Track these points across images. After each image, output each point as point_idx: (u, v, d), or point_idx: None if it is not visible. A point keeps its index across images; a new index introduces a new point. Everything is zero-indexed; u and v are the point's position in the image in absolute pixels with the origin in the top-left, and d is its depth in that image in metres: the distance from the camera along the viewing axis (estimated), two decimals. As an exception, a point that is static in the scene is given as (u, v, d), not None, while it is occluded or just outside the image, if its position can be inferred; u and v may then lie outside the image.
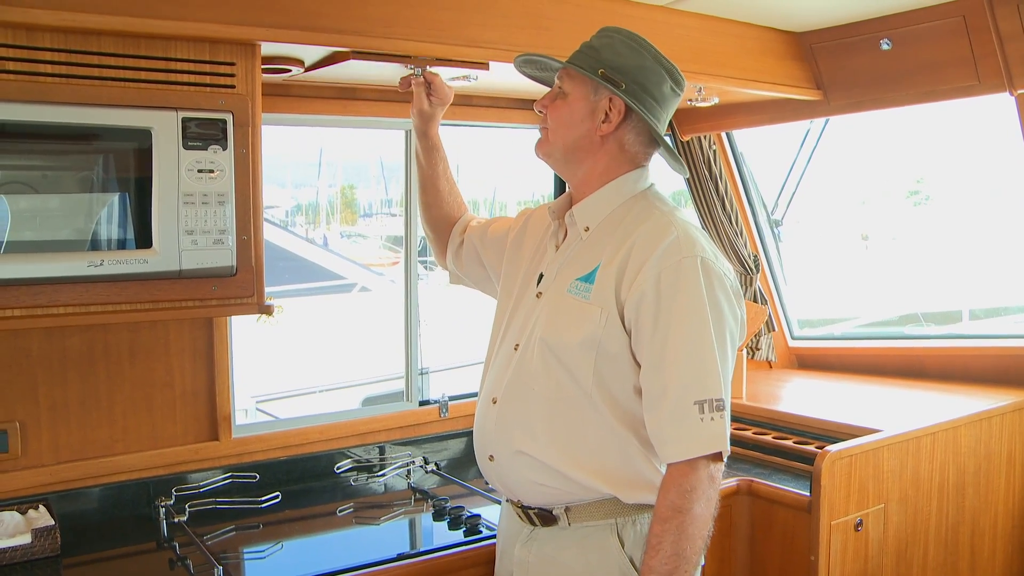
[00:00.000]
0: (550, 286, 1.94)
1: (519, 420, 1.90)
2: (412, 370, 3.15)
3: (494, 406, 1.95)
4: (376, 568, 2.16)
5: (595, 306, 1.82)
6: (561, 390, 1.85)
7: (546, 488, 1.89)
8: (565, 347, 1.84)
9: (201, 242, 2.09)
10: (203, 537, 2.36)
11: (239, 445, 2.72)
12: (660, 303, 1.76)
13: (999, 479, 3.51)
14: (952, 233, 10.90)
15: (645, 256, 1.79)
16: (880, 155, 9.44)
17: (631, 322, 1.80)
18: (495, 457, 1.96)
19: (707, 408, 1.74)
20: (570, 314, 1.85)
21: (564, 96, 1.93)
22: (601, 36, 1.94)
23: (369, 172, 10.34)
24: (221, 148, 2.09)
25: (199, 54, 2.08)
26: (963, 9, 2.85)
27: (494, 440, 1.95)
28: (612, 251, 1.86)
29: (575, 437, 1.86)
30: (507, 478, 1.95)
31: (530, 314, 1.94)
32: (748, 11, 2.90)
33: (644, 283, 1.77)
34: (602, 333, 1.81)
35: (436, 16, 2.33)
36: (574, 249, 1.95)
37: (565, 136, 1.94)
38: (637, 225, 1.86)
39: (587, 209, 1.95)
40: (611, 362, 1.82)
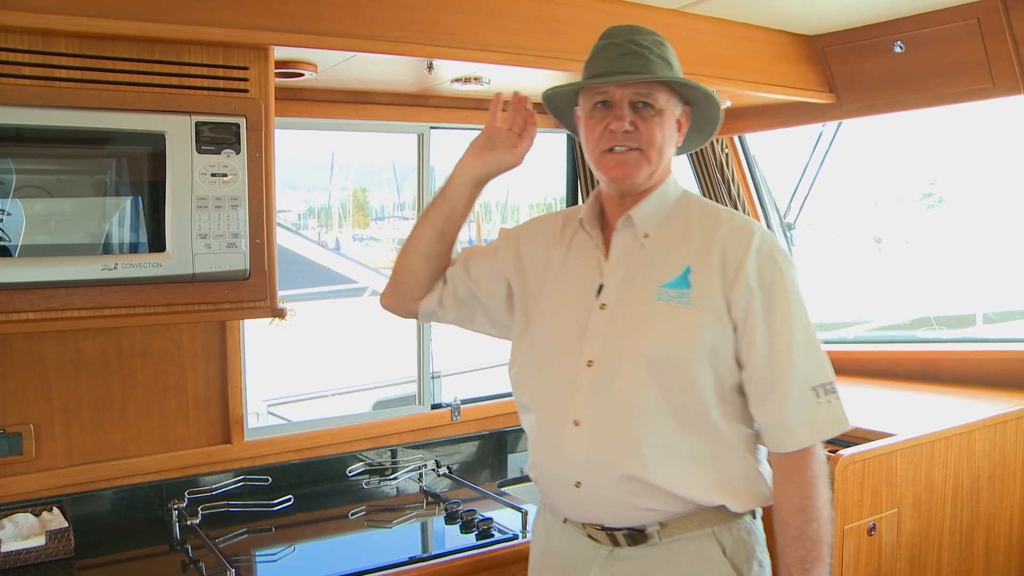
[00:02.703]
0: (620, 298, 1.81)
1: (622, 443, 1.75)
2: (424, 374, 3.15)
3: (577, 428, 1.78)
4: (388, 571, 2.17)
5: (699, 310, 1.74)
6: (670, 404, 1.74)
7: (651, 512, 1.76)
8: (674, 357, 1.74)
9: (214, 246, 2.10)
10: (215, 540, 2.37)
11: (251, 448, 2.73)
12: (763, 297, 1.74)
13: (1014, 483, 3.49)
14: (966, 236, 10.85)
15: (741, 254, 1.75)
16: (893, 158, 9.41)
17: (738, 320, 1.75)
18: (585, 484, 1.78)
19: (822, 392, 1.75)
20: (672, 322, 1.75)
21: (659, 113, 1.80)
22: (654, 43, 1.84)
23: (381, 175, 10.35)
24: (234, 152, 2.10)
25: (213, 58, 2.09)
26: (977, 11, 2.84)
27: (585, 466, 1.77)
28: (700, 254, 1.78)
29: (693, 452, 1.76)
30: (601, 505, 1.79)
31: (602, 327, 1.80)
32: (761, 14, 2.90)
33: (748, 280, 1.74)
34: (711, 336, 1.74)
35: (448, 20, 2.34)
36: (636, 256, 1.84)
37: (662, 155, 1.82)
38: (714, 227, 1.81)
39: (645, 214, 1.85)
40: (719, 364, 1.75)
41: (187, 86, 2.06)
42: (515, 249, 2.02)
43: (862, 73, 3.23)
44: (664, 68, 1.80)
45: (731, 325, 1.75)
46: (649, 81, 1.78)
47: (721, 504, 1.77)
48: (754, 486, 1.80)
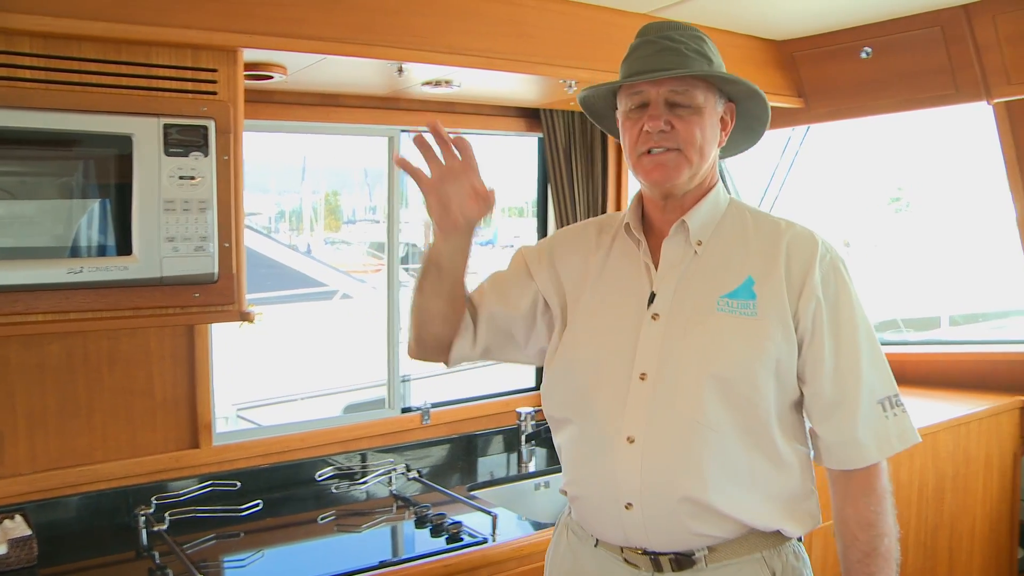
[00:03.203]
0: (674, 308, 1.70)
1: (683, 463, 1.63)
2: (394, 377, 3.14)
3: (632, 446, 1.64)
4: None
5: (766, 321, 1.65)
6: (733, 422, 1.63)
7: (702, 536, 1.65)
8: (741, 370, 1.64)
9: (182, 249, 2.08)
10: (183, 546, 2.35)
11: (220, 453, 2.71)
12: (829, 308, 1.67)
13: (977, 483, 3.54)
14: (932, 240, 10.99)
15: (806, 264, 1.68)
16: (862, 162, 9.51)
17: (804, 332, 1.67)
18: (638, 505, 1.64)
19: (888, 405, 1.69)
20: (737, 334, 1.65)
21: (697, 111, 1.68)
22: (692, 37, 1.72)
23: (353, 178, 10.32)
24: (203, 155, 2.08)
25: (181, 60, 2.07)
26: (941, 19, 2.88)
27: (639, 487, 1.64)
28: (762, 264, 1.69)
29: (755, 473, 1.65)
30: (652, 528, 1.66)
31: (655, 338, 1.69)
32: (730, 19, 2.92)
33: (815, 290, 1.66)
34: (777, 349, 1.64)
35: (418, 23, 2.33)
36: (689, 265, 1.73)
37: (705, 155, 1.70)
38: (775, 236, 1.73)
39: (700, 220, 1.74)
40: (783, 378, 1.66)
41: (155, 88, 2.04)
42: (550, 265, 1.88)
43: (830, 78, 3.27)
44: (701, 63, 1.69)
45: (796, 338, 1.67)
46: (684, 77, 1.67)
47: (777, 529, 1.68)
48: (810, 508, 1.73)
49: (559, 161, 3.30)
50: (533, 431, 3.20)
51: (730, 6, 2.74)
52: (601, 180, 3.42)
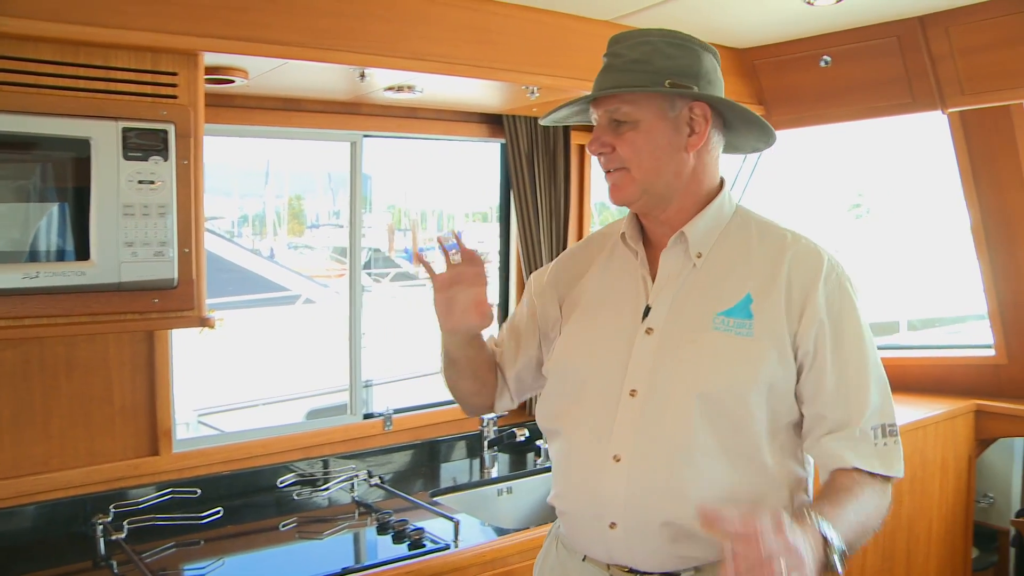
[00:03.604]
0: (669, 323, 1.67)
1: (668, 486, 1.60)
2: (356, 383, 3.13)
3: (618, 465, 1.63)
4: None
5: (763, 342, 1.59)
6: (723, 445, 1.59)
7: (685, 558, 1.62)
8: (731, 393, 1.59)
9: (141, 254, 2.05)
10: (142, 555, 2.32)
11: (180, 460, 2.68)
12: (833, 329, 1.60)
13: (933, 486, 3.59)
14: (891, 246, 11.15)
15: (809, 282, 1.61)
16: (823, 169, 9.63)
17: (805, 355, 1.60)
18: (621, 525, 1.63)
19: (880, 433, 1.59)
20: (731, 355, 1.60)
21: (634, 126, 1.63)
22: (637, 44, 1.66)
23: (317, 182, 10.27)
24: (162, 159, 2.06)
25: (140, 63, 2.05)
26: (897, 30, 2.93)
27: (623, 507, 1.62)
28: (763, 281, 1.63)
29: (737, 498, 1.58)
30: (636, 549, 1.64)
31: (648, 354, 1.66)
32: (692, 27, 2.90)
33: (818, 311, 1.60)
34: (771, 372, 1.59)
35: (380, 29, 2.33)
36: (687, 279, 1.69)
37: (657, 168, 1.65)
38: (778, 250, 1.66)
39: (700, 232, 1.69)
40: (777, 401, 1.61)
41: (113, 91, 2.01)
42: (555, 292, 1.89)
43: (790, 86, 3.31)
44: (635, 76, 1.63)
45: (794, 360, 1.61)
46: (613, 94, 1.64)
47: None
48: None
49: (521, 167, 3.31)
50: (496, 437, 3.21)
51: (691, 14, 2.77)
52: (564, 186, 3.43)
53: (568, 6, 2.64)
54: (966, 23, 2.80)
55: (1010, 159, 3.31)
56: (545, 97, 2.85)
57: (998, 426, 3.72)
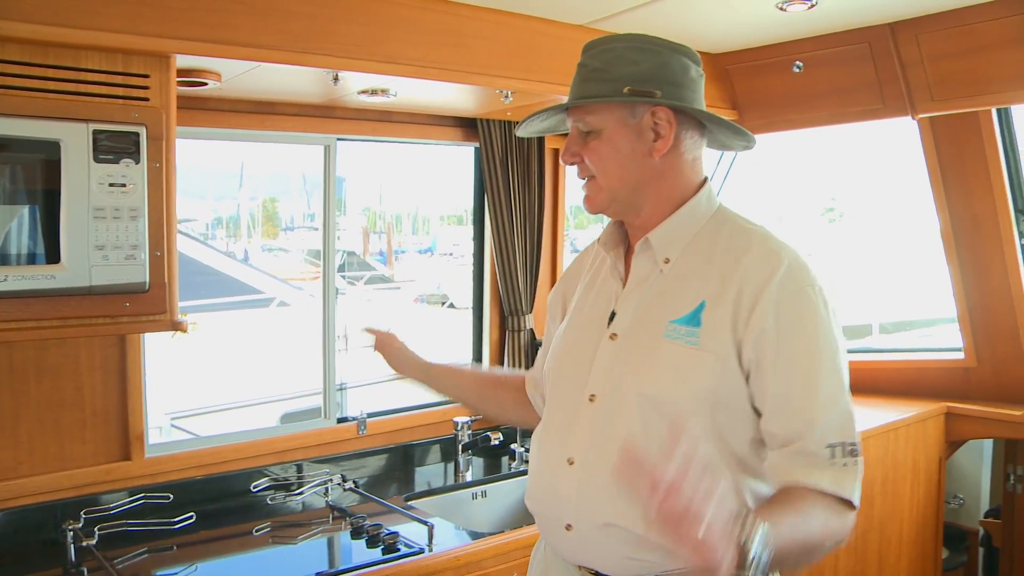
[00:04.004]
0: (630, 329, 1.68)
1: (608, 487, 1.60)
2: (330, 387, 3.12)
3: (571, 468, 1.66)
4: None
5: (708, 352, 1.56)
6: (668, 453, 1.55)
7: (639, 562, 1.61)
8: (673, 402, 1.57)
9: (112, 257, 2.04)
10: (113, 561, 2.30)
11: (152, 465, 2.66)
12: (782, 340, 1.54)
13: (905, 487, 3.63)
14: (864, 249, 11.26)
15: (759, 288, 1.56)
16: (798, 174, 9.71)
17: (750, 364, 1.56)
18: (575, 527, 1.66)
19: (839, 452, 1.52)
20: (676, 363, 1.59)
21: (598, 135, 1.64)
22: (600, 52, 1.67)
23: (291, 185, 10.23)
24: (134, 162, 2.05)
25: (111, 65, 2.03)
26: (868, 36, 2.96)
27: (574, 509, 1.65)
28: (717, 287, 1.60)
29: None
30: (590, 551, 1.66)
31: (608, 359, 1.68)
32: (666, 32, 2.91)
33: (763, 318, 1.54)
34: (719, 384, 1.56)
35: (354, 32, 2.33)
36: (654, 284, 1.68)
37: (623, 176, 1.65)
38: (738, 254, 1.62)
39: (666, 237, 1.68)
40: (730, 415, 1.58)
41: (84, 93, 2.00)
42: (560, 303, 1.93)
43: (763, 91, 3.33)
44: (598, 85, 1.64)
45: (741, 371, 1.57)
46: (578, 104, 1.66)
47: None
48: None
49: (496, 170, 3.31)
50: (470, 441, 3.20)
51: (665, 19, 2.78)
52: (538, 190, 3.44)
53: (542, 11, 2.65)
54: (936, 30, 2.83)
55: (978, 165, 3.36)
56: (519, 101, 2.86)
57: (968, 428, 3.76)
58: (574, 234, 7.85)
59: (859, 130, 3.55)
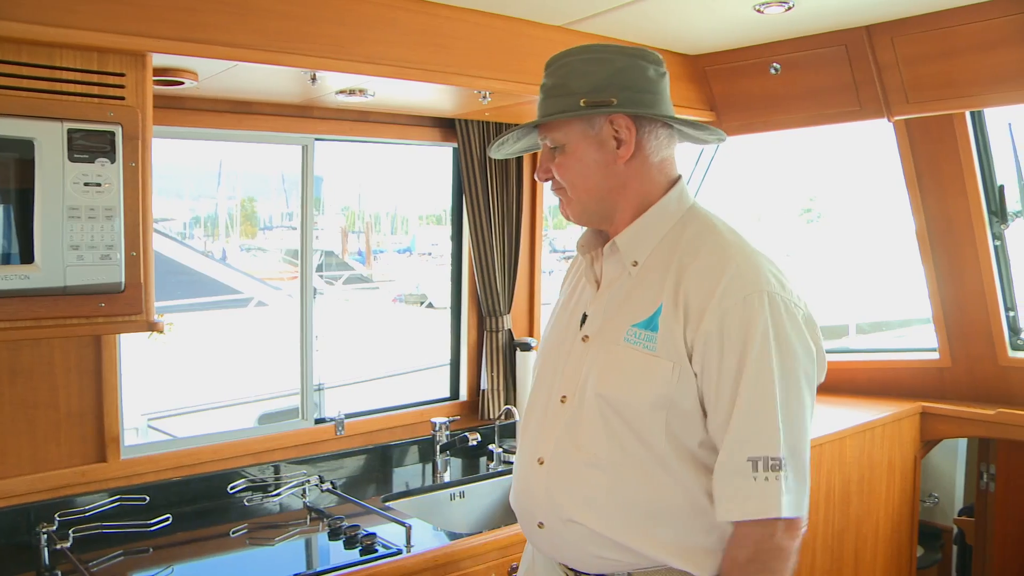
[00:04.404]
0: (599, 331, 1.71)
1: (571, 486, 1.67)
2: (307, 387, 3.11)
3: (541, 468, 1.71)
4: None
5: (664, 359, 1.59)
6: (626, 454, 1.63)
7: (607, 560, 1.66)
8: (630, 406, 1.62)
9: (87, 258, 2.02)
10: (88, 564, 2.28)
11: (128, 467, 2.64)
12: (724, 347, 1.56)
13: (880, 486, 3.66)
14: (841, 250, 11.33)
15: (706, 294, 1.58)
16: (776, 174, 9.76)
17: (698, 369, 1.59)
18: (546, 525, 1.72)
19: (761, 466, 1.53)
20: (634, 368, 1.62)
21: (563, 150, 1.69)
22: (556, 68, 1.71)
23: (270, 184, 10.18)
24: (109, 161, 2.03)
25: (87, 63, 2.01)
26: (845, 39, 2.99)
27: (544, 507, 1.71)
28: (672, 291, 1.62)
29: (645, 507, 1.63)
30: (561, 548, 1.72)
31: (578, 361, 1.72)
32: (644, 33, 2.97)
33: (709, 325, 1.57)
34: (675, 389, 1.59)
35: (332, 32, 2.32)
36: (622, 287, 1.71)
37: (590, 188, 1.70)
38: (691, 259, 1.64)
39: (632, 239, 1.71)
40: (685, 418, 1.61)
41: (58, 91, 1.98)
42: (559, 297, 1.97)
43: (740, 93, 3.35)
44: (552, 102, 1.68)
45: (693, 375, 1.60)
46: (542, 123, 1.71)
47: (685, 570, 1.64)
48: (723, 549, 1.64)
49: (474, 171, 3.31)
50: (448, 441, 3.20)
51: (643, 20, 2.79)
52: (516, 190, 3.44)
53: (520, 11, 2.65)
54: (911, 34, 2.86)
55: (953, 167, 3.39)
56: (497, 102, 2.86)
57: (942, 427, 3.79)
58: (552, 234, 7.86)
59: (837, 131, 3.57)
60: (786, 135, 3.65)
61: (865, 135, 5.44)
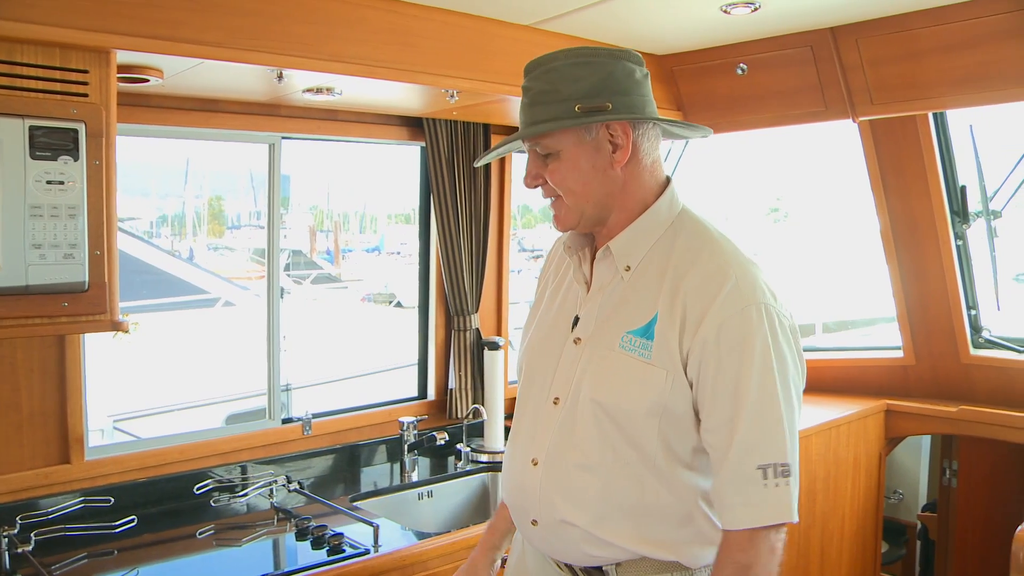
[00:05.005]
0: (593, 336, 1.72)
1: (565, 488, 1.70)
2: (274, 387, 3.09)
3: (535, 468, 1.74)
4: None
5: (659, 368, 1.62)
6: (618, 457, 1.67)
7: (598, 556, 1.71)
8: (625, 412, 1.65)
9: (50, 256, 2.00)
10: (51, 567, 2.25)
11: (93, 468, 2.61)
12: (722, 358, 1.58)
13: (846, 483, 3.70)
14: (808, 249, 11.43)
15: (705, 305, 1.60)
16: (743, 173, 9.83)
17: (693, 377, 1.62)
18: (540, 523, 1.75)
19: (771, 473, 1.56)
20: (629, 375, 1.64)
21: (556, 156, 1.67)
22: (543, 73, 1.67)
23: (238, 182, 10.09)
24: (72, 159, 2.01)
25: (48, 60, 1.99)
26: (811, 40, 3.01)
27: (538, 506, 1.75)
28: (669, 299, 1.64)
29: (637, 508, 1.68)
30: (554, 545, 1.76)
31: (571, 364, 1.74)
32: (612, 33, 2.98)
33: (706, 335, 1.59)
34: (669, 397, 1.62)
35: (299, 30, 2.31)
36: (614, 292, 1.73)
37: (588, 193, 1.69)
38: (687, 267, 1.65)
39: (626, 245, 1.72)
40: (677, 423, 1.64)
41: (20, 88, 1.95)
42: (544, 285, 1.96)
43: (707, 93, 3.37)
44: (543, 108, 1.66)
45: (688, 383, 1.63)
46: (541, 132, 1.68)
47: (675, 561, 1.69)
48: (711, 543, 1.67)
49: (441, 170, 3.31)
50: (416, 440, 3.20)
51: (611, 20, 2.80)
52: (484, 189, 3.45)
53: (488, 10, 2.65)
54: (875, 36, 2.89)
55: (916, 168, 3.43)
56: (465, 101, 2.86)
57: (907, 424, 3.84)
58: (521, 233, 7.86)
59: (803, 132, 3.60)
60: (753, 135, 3.68)
61: (831, 136, 5.49)
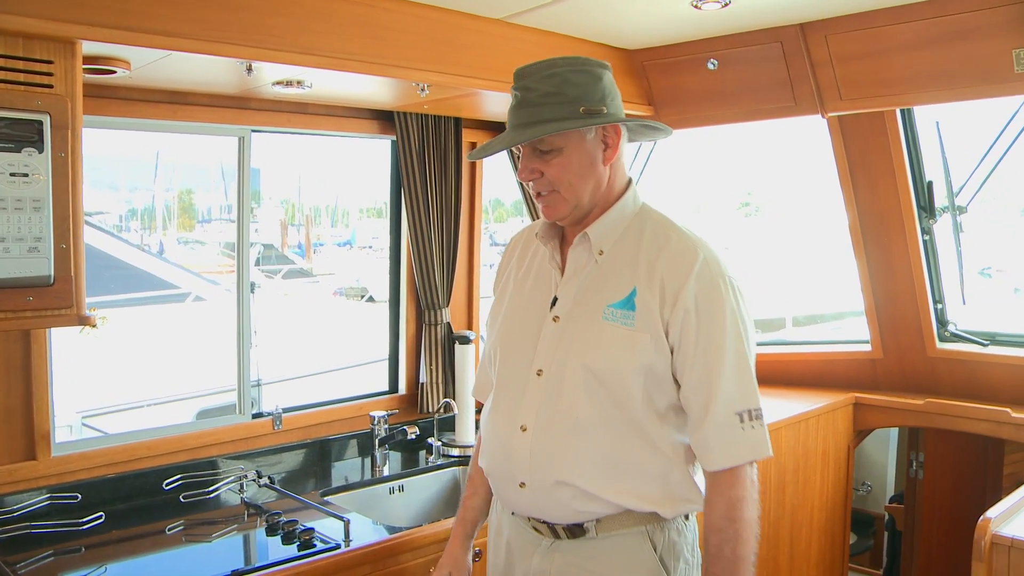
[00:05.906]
0: (572, 311, 1.92)
1: (560, 450, 1.89)
2: (244, 382, 3.07)
3: (524, 434, 1.92)
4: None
5: (643, 333, 1.84)
6: (607, 417, 1.87)
7: (585, 512, 1.90)
8: (613, 374, 1.85)
9: (14, 250, 1.97)
10: (15, 565, 2.23)
11: (60, 464, 2.58)
12: (700, 324, 1.82)
13: (815, 475, 3.73)
14: (778, 243, 11.52)
15: (680, 280, 1.84)
16: (714, 167, 9.89)
17: (674, 342, 1.85)
18: (528, 485, 1.92)
19: (747, 417, 1.83)
20: (615, 342, 1.85)
21: (559, 152, 1.86)
22: (546, 76, 1.83)
23: (209, 176, 10.01)
24: (37, 151, 1.98)
25: (12, 50, 1.95)
26: (780, 36, 3.03)
27: (527, 469, 1.92)
28: (646, 275, 1.87)
29: (622, 463, 1.88)
30: (542, 505, 1.93)
31: (554, 338, 1.92)
32: (583, 28, 2.99)
33: (685, 304, 1.82)
34: (648, 358, 1.84)
35: (269, 22, 2.29)
36: (590, 273, 1.93)
37: (583, 187, 1.89)
38: (660, 248, 1.89)
39: (602, 232, 1.93)
40: (658, 383, 1.86)
41: (-19, 78, 1.93)
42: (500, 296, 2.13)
43: (678, 88, 3.38)
44: (554, 109, 1.81)
45: (669, 347, 1.85)
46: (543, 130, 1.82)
47: (653, 511, 1.89)
48: (686, 495, 1.91)
49: (412, 163, 3.30)
50: (387, 435, 3.19)
51: (582, 15, 2.81)
52: (454, 183, 3.44)
53: (459, 4, 2.64)
54: (843, 32, 2.91)
55: (884, 163, 3.47)
56: (435, 94, 2.85)
57: (874, 417, 3.89)
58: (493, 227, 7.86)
59: (774, 126, 3.62)
60: (724, 129, 3.70)
61: (801, 131, 5.54)
